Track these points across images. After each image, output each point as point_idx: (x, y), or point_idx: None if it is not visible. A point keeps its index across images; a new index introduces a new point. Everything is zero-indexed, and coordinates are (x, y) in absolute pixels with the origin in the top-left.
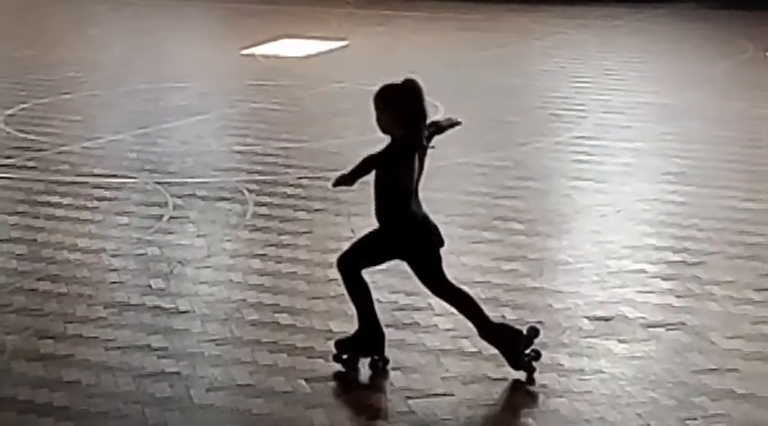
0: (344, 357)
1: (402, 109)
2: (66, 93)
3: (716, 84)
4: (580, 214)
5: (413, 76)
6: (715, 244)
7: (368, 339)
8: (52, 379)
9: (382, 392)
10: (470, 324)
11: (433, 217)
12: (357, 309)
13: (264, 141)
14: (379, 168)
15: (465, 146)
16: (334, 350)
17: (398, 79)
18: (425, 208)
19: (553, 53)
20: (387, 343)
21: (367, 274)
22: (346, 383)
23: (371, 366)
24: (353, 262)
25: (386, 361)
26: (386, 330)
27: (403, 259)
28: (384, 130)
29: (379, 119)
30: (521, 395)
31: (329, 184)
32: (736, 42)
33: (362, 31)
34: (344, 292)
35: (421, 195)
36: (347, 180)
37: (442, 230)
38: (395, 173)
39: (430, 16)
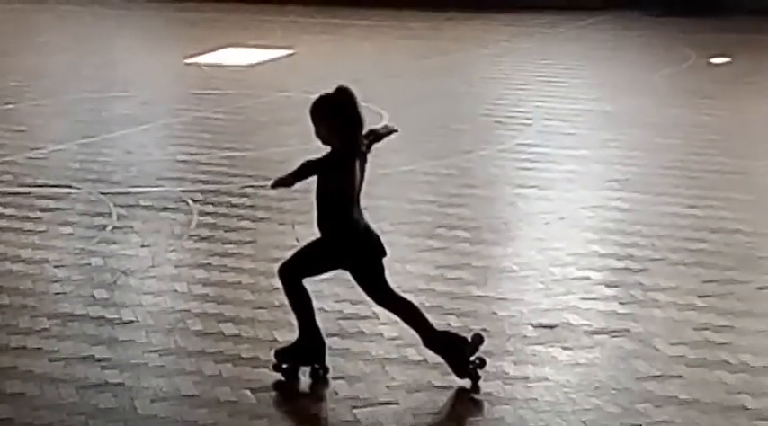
0: (284, 366)
1: (337, 118)
2: (10, 103)
3: (658, 91)
4: (524, 221)
5: (345, 85)
6: (658, 251)
7: (308, 347)
8: None
9: (327, 401)
10: (415, 333)
11: (378, 226)
12: (297, 317)
13: (208, 150)
14: (317, 174)
15: (410, 153)
16: (273, 360)
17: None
18: (368, 216)
19: (496, 61)
20: (331, 352)
21: (311, 283)
22: (291, 393)
23: (312, 374)
24: (295, 271)
25: (326, 370)
26: (330, 339)
27: (345, 268)
28: (324, 141)
29: (317, 132)
30: (466, 404)
31: (268, 185)
32: (678, 50)
33: (307, 40)
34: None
35: (364, 203)
36: (287, 181)
37: (387, 238)
38: (335, 181)
39: (374, 25)
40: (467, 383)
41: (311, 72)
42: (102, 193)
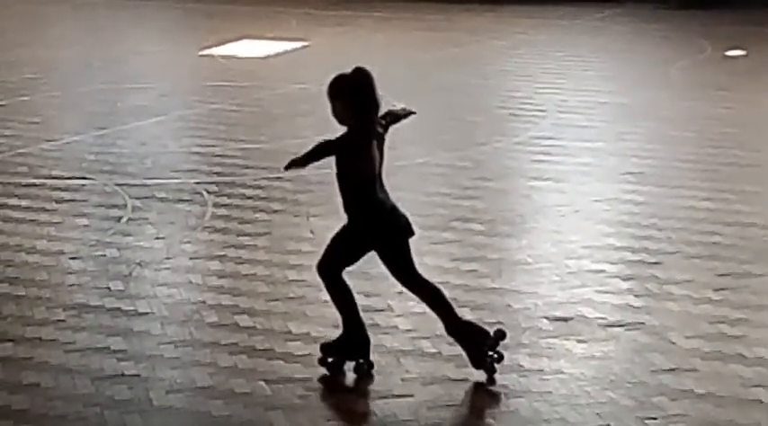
0: (330, 360)
1: (354, 98)
2: (25, 95)
3: (674, 83)
4: (539, 214)
5: (362, 66)
6: (674, 244)
7: (353, 342)
8: (11, 382)
9: (343, 393)
10: (432, 325)
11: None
12: (340, 313)
13: (223, 142)
14: (332, 154)
15: (424, 146)
16: (319, 354)
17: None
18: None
19: (511, 53)
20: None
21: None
22: (306, 385)
23: (356, 369)
24: (332, 265)
25: (371, 365)
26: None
27: (374, 249)
28: (340, 121)
29: (333, 110)
30: (481, 396)
31: (281, 167)
32: (694, 42)
33: (322, 32)
34: (304, 294)
35: (387, 185)
36: (299, 162)
37: None
38: (353, 162)
39: (389, 17)
40: (482, 375)
41: (326, 64)
42: (117, 185)
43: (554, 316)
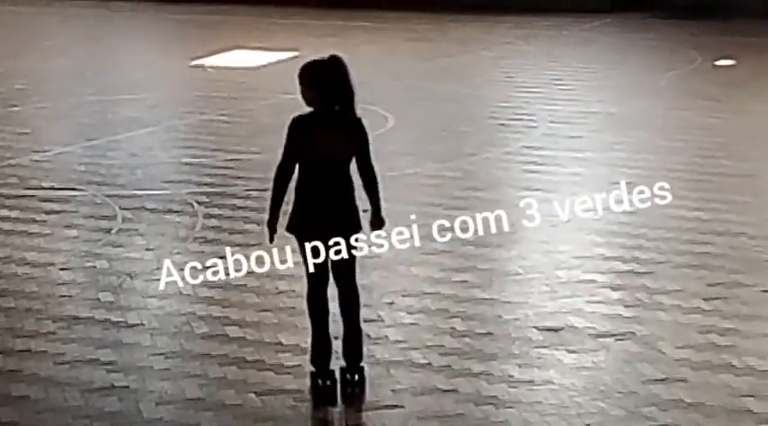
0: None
1: (328, 86)
2: (15, 106)
3: (663, 93)
4: (529, 224)
5: (337, 54)
6: (663, 254)
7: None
8: (0, 395)
9: (333, 404)
10: (423, 336)
11: (383, 230)
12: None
13: (214, 153)
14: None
15: (414, 156)
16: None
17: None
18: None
19: (501, 63)
20: (337, 355)
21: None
22: (296, 396)
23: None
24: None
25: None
26: (336, 342)
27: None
28: (308, 104)
29: (304, 95)
30: (470, 407)
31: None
32: (683, 52)
33: (313, 42)
34: (294, 305)
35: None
36: (273, 217)
37: (393, 241)
38: (298, 143)
39: (380, 27)
40: (471, 386)
41: None
42: (107, 196)
43: (544, 327)
